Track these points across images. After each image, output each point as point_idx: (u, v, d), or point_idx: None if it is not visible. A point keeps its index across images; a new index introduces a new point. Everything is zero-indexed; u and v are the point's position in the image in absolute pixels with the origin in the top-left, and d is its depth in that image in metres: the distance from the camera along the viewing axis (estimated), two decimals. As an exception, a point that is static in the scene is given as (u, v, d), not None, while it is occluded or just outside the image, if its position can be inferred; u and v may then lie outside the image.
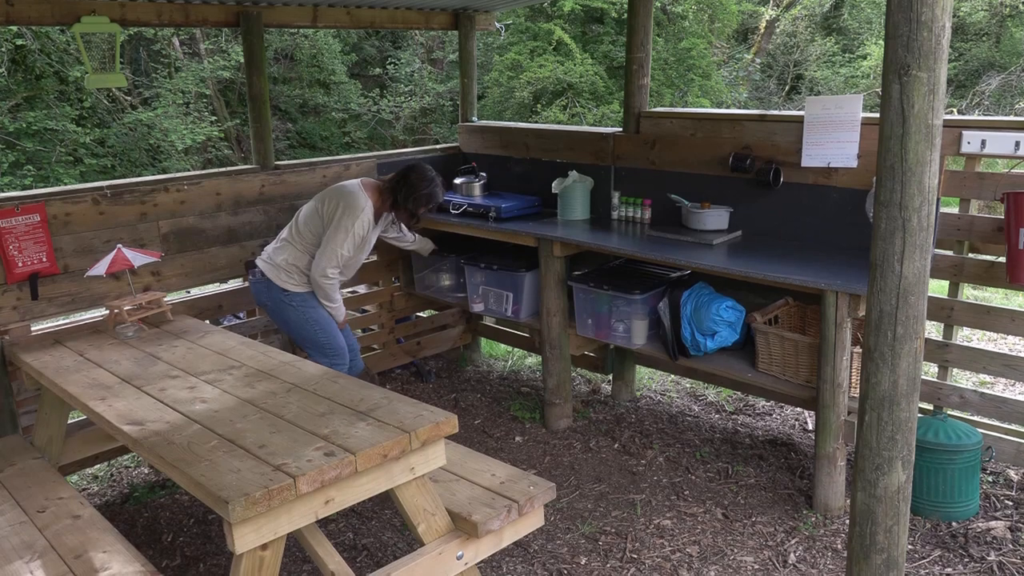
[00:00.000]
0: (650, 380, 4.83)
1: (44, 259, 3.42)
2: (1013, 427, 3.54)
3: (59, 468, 3.17)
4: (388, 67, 15.98)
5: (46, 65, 12.13)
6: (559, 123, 13.16)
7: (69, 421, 3.32)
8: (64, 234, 3.50)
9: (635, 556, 3.13)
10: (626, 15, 4.26)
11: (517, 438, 4.17)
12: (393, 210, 3.82)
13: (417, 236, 4.36)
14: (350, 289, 4.78)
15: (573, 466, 3.85)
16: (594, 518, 3.40)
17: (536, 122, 13.15)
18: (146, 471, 3.99)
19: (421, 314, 5.19)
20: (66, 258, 3.51)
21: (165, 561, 3.24)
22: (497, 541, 2.50)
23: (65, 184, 10.87)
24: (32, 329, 3.47)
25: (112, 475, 3.98)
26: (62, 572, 2.25)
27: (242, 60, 4.46)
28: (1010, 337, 5.00)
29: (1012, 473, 3.53)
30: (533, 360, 5.23)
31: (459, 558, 2.40)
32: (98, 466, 3.96)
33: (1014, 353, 3.58)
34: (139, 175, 12.37)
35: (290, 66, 15.01)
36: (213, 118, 13.87)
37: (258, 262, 3.75)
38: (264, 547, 2.00)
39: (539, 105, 14.27)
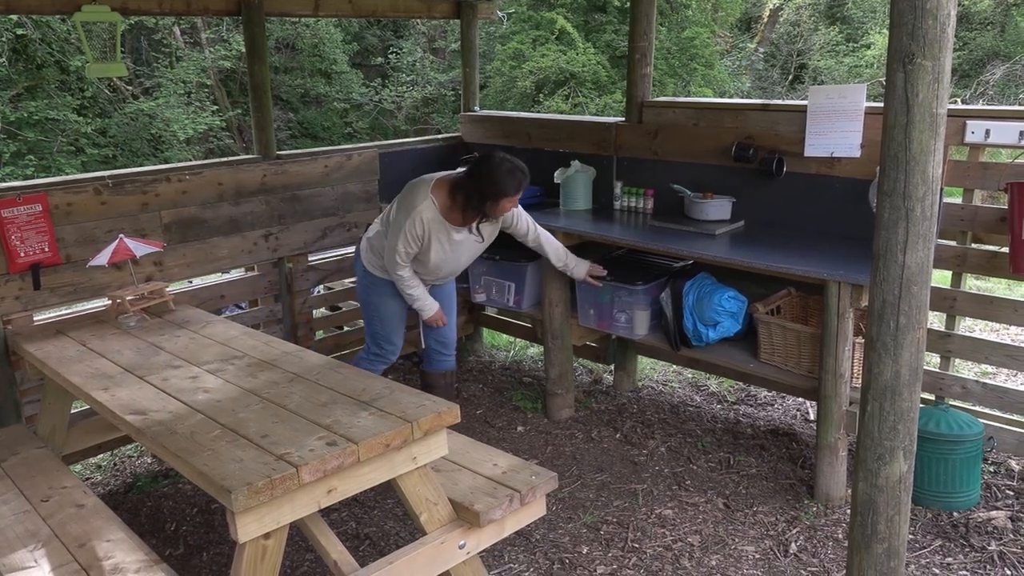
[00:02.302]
0: (652, 370, 4.84)
1: (46, 249, 3.42)
2: (1015, 417, 3.54)
3: (62, 457, 3.18)
4: (390, 57, 15.94)
5: (47, 54, 12.11)
6: (561, 113, 13.12)
7: (72, 411, 3.33)
8: (66, 224, 3.49)
9: (636, 546, 3.14)
10: (629, 4, 4.24)
11: (519, 428, 4.17)
12: (467, 208, 3.35)
13: (553, 247, 3.76)
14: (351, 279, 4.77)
15: (575, 456, 3.86)
16: (596, 508, 3.41)
17: (538, 112, 13.12)
18: (149, 460, 4.01)
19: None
20: (68, 248, 3.51)
21: (168, 550, 3.25)
22: (499, 530, 2.50)
23: (67, 174, 10.89)
24: (34, 319, 3.47)
25: (115, 464, 3.99)
26: (66, 561, 2.26)
27: (243, 49, 4.45)
28: (1012, 328, 4.99)
29: (1013, 463, 3.53)
30: (535, 350, 5.23)
31: (461, 547, 2.41)
32: (101, 455, 3.97)
33: (1016, 344, 3.57)
34: (141, 165, 12.36)
35: (291, 56, 14.97)
36: (215, 108, 13.85)
37: (363, 236, 3.69)
38: (267, 536, 2.01)
39: (541, 95, 14.23)
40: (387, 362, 3.73)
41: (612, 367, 4.71)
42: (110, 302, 3.37)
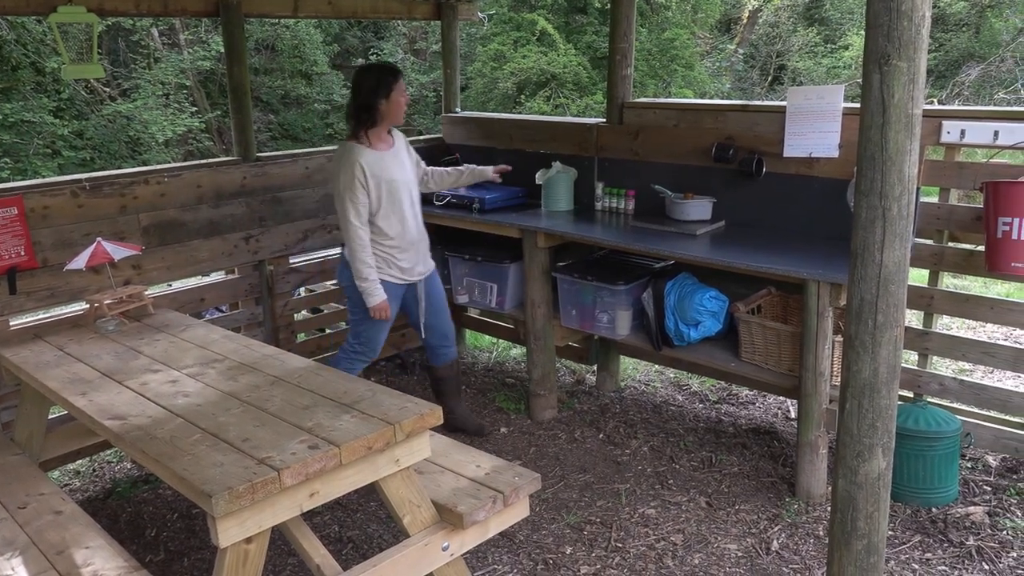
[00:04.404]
0: (634, 370, 4.85)
1: (22, 253, 3.37)
2: (991, 414, 3.58)
3: (40, 464, 3.14)
4: (371, 58, 15.88)
5: (22, 56, 11.96)
6: (543, 114, 13.13)
7: (50, 416, 3.29)
8: (43, 227, 3.45)
9: (620, 545, 3.15)
10: (609, 5, 4.25)
11: (502, 429, 4.17)
12: (377, 125, 3.49)
13: (447, 170, 3.97)
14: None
15: (558, 456, 3.86)
16: (579, 508, 3.42)
17: (520, 113, 13.13)
18: (128, 466, 3.97)
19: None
20: (45, 252, 3.47)
21: (149, 556, 3.22)
22: (482, 532, 2.50)
23: (43, 177, 10.75)
24: (11, 324, 3.43)
25: (94, 470, 3.95)
26: (44, 568, 2.23)
27: (222, 51, 4.41)
28: (988, 325, 5.06)
29: (990, 459, 3.58)
30: (518, 351, 5.23)
31: (444, 549, 2.40)
32: (80, 461, 3.92)
33: (992, 341, 3.62)
34: (119, 167, 12.22)
35: (271, 57, 14.88)
36: (194, 109, 13.74)
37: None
38: (248, 541, 2.00)
39: (523, 96, 14.25)
40: (367, 361, 3.72)
41: (595, 367, 4.72)
42: (88, 306, 3.34)
